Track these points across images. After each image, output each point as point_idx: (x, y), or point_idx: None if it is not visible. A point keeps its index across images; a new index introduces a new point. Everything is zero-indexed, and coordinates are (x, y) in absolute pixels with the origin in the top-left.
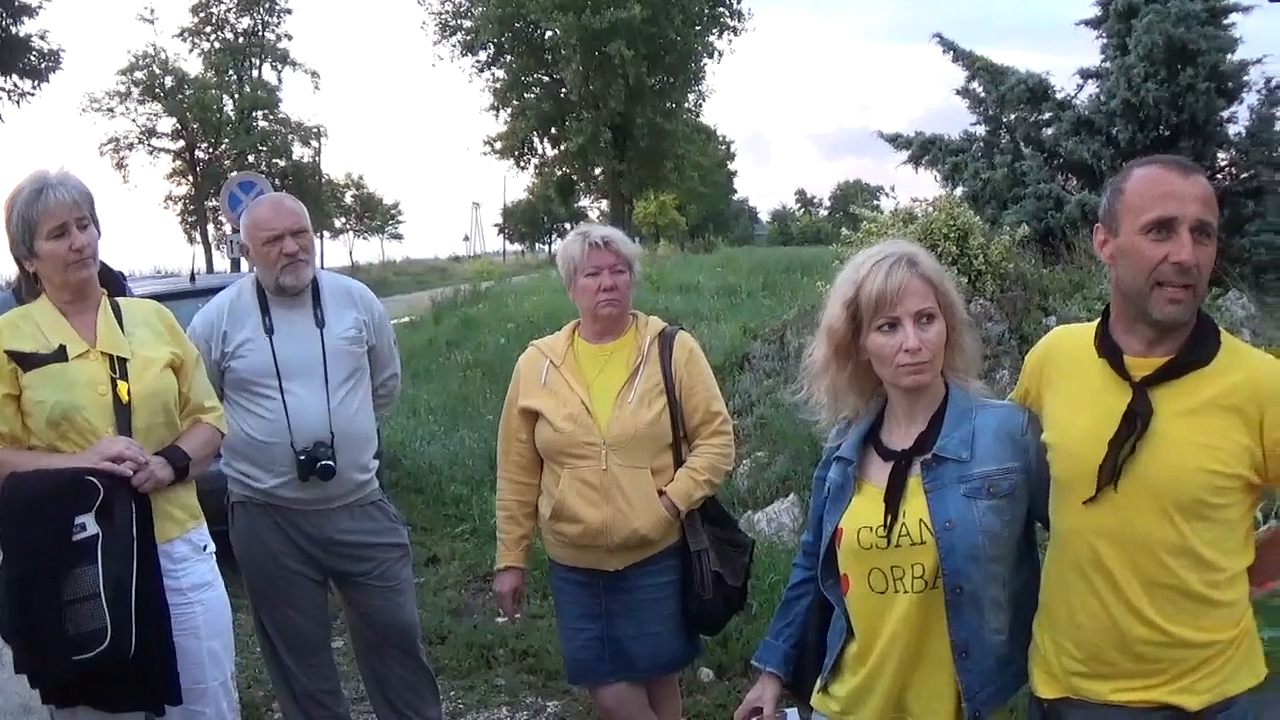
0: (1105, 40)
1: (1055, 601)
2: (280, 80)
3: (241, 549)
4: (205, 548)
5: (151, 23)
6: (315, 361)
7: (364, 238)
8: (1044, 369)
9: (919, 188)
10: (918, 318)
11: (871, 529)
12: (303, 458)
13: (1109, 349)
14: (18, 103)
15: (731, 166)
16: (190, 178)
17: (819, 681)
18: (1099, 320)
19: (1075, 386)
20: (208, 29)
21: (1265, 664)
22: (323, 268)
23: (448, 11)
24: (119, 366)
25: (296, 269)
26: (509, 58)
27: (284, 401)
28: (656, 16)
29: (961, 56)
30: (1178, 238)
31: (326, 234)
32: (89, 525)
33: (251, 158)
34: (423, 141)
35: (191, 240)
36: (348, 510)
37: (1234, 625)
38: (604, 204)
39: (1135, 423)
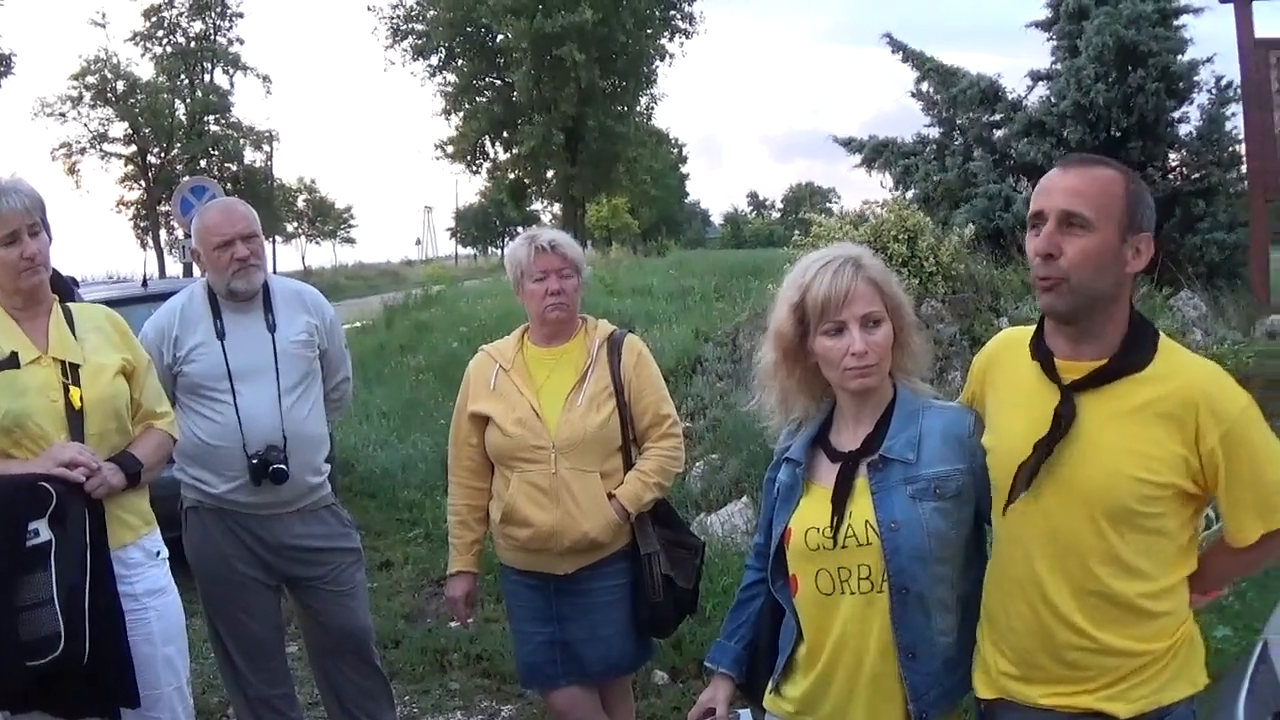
0: (1056, 42)
1: (993, 604)
2: (232, 84)
3: (195, 554)
4: (159, 553)
5: (103, 27)
6: (267, 365)
7: (316, 242)
8: (987, 372)
9: (871, 190)
10: (864, 321)
11: (818, 530)
12: (255, 461)
13: (1041, 352)
14: None
15: (684, 169)
16: (142, 183)
17: (771, 683)
18: (1037, 323)
19: (1012, 389)
20: (159, 33)
21: (1206, 674)
22: (275, 272)
23: (399, 16)
24: (71, 372)
25: (248, 274)
26: (460, 62)
27: (236, 405)
28: (608, 19)
29: (911, 57)
30: (1043, 229)
31: (278, 238)
32: (42, 531)
33: (203, 162)
34: (375, 145)
35: (144, 245)
36: (300, 515)
37: (1169, 635)
38: (556, 207)
39: (1059, 426)
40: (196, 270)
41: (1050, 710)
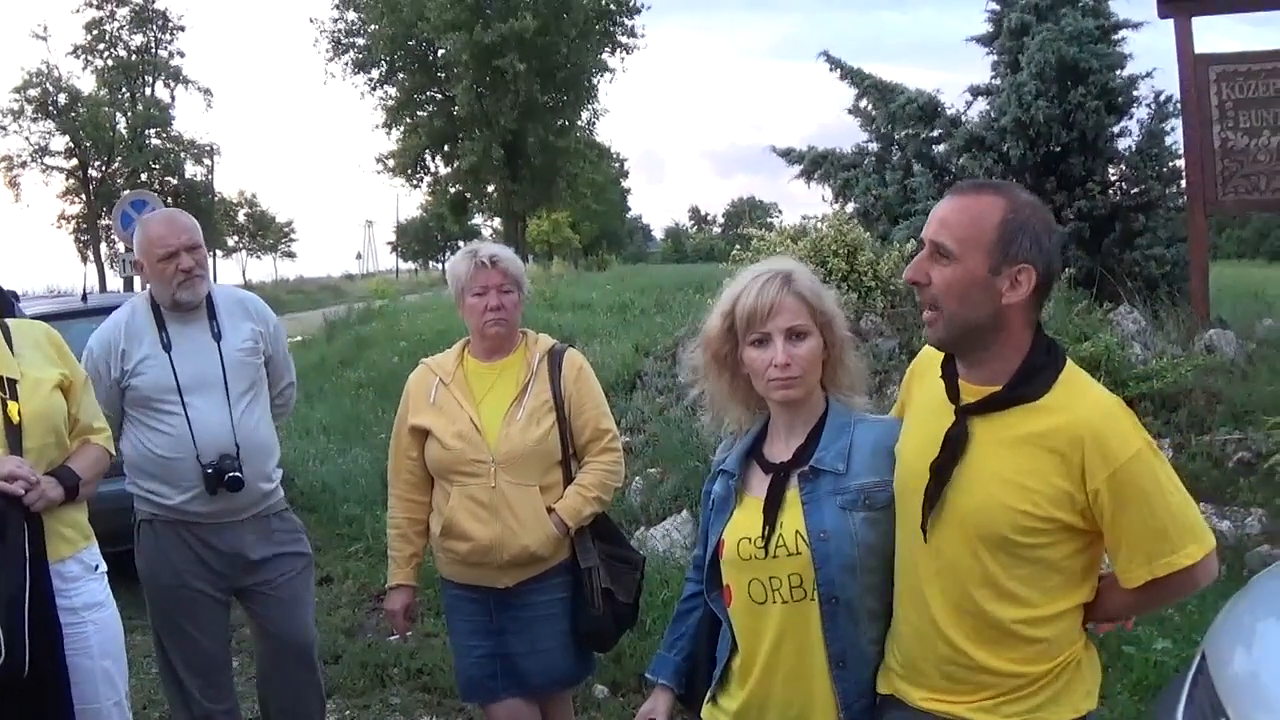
0: (997, 58)
1: (895, 611)
2: (173, 98)
3: (147, 568)
4: (97, 567)
5: (45, 40)
6: (215, 375)
7: (257, 256)
8: (910, 384)
9: (812, 205)
10: (789, 334)
11: (750, 540)
12: (210, 471)
13: (948, 372)
14: None
15: (625, 184)
16: (83, 196)
17: (708, 693)
18: None
19: (921, 404)
20: (101, 46)
21: (1093, 700)
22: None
23: (340, 30)
24: (9, 387)
25: (193, 284)
26: (401, 75)
27: (187, 416)
28: (548, 29)
29: (849, 74)
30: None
31: (219, 253)
32: None
33: (144, 176)
34: (316, 159)
35: (85, 259)
36: (255, 521)
37: (1048, 660)
38: (497, 222)
39: (949, 447)
40: (137, 284)
41: (928, 713)
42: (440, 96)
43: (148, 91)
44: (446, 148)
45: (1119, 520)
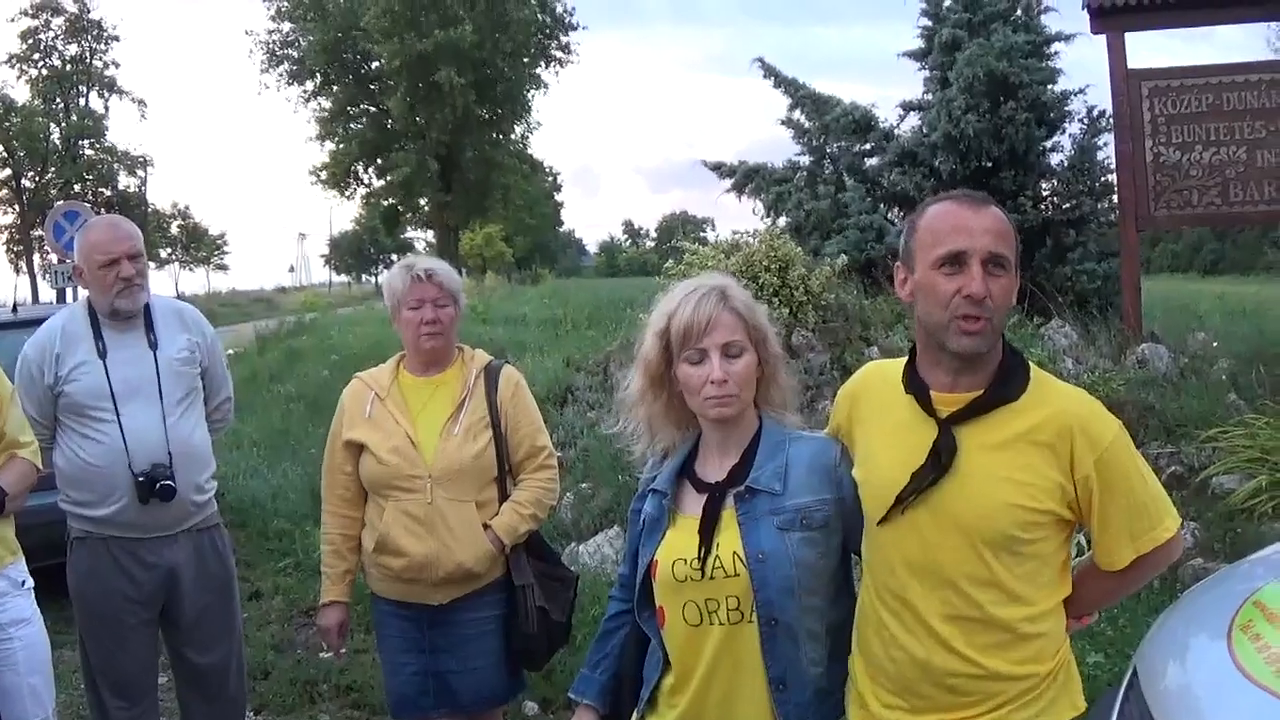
0: (929, 73)
1: (869, 635)
2: (107, 108)
3: (78, 586)
4: (24, 583)
5: None
6: (150, 383)
7: (190, 268)
8: (854, 405)
9: (745, 219)
10: (725, 350)
11: (686, 561)
12: (141, 479)
13: (916, 385)
14: None
15: (559, 198)
16: (16, 206)
17: (635, 714)
18: (907, 356)
19: (884, 423)
20: (35, 56)
21: (1084, 697)
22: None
23: (275, 41)
24: None
25: (132, 293)
26: (336, 87)
27: (120, 424)
28: (484, 41)
29: (784, 84)
30: (969, 270)
31: (152, 265)
32: None
33: (78, 186)
34: (249, 171)
35: (17, 270)
36: (187, 535)
37: (1050, 658)
38: (430, 235)
39: (940, 459)
40: (69, 296)
41: None
42: (374, 109)
43: (82, 102)
44: (379, 160)
45: (1106, 502)
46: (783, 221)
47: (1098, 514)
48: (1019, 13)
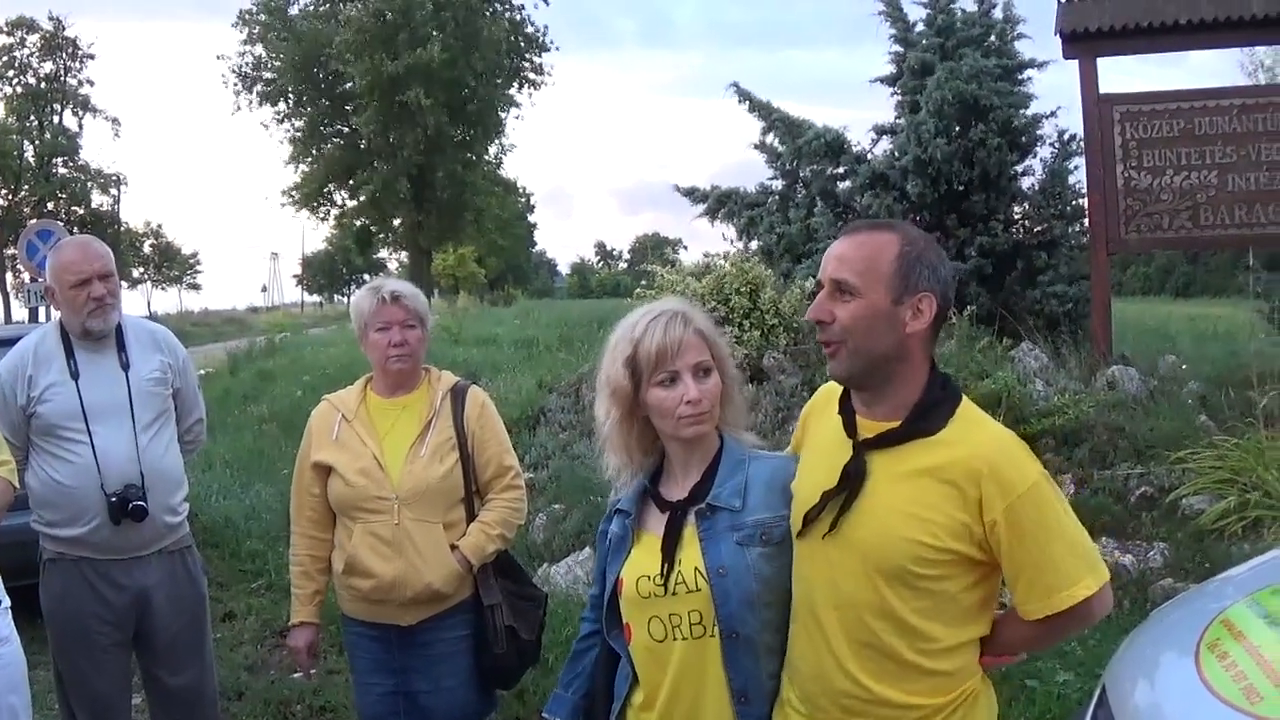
0: (900, 98)
1: (791, 642)
2: (81, 127)
3: (51, 608)
4: (1, 603)
5: None
6: (122, 403)
7: (162, 288)
8: (807, 421)
9: (717, 241)
10: (696, 370)
11: (649, 578)
12: (113, 499)
13: (845, 408)
14: None
15: (532, 219)
16: None
17: None
18: None
19: (818, 441)
20: (10, 73)
21: None
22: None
23: (248, 64)
24: None
25: (104, 313)
26: (308, 109)
27: (92, 445)
28: (456, 61)
29: (758, 107)
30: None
31: (124, 284)
32: None
33: (51, 205)
34: (222, 191)
35: None
36: (159, 557)
37: (945, 693)
38: (403, 255)
39: (847, 481)
40: (43, 315)
41: None
42: (346, 129)
43: (56, 120)
44: (351, 180)
45: (1016, 552)
46: (755, 244)
47: (1006, 561)
48: (992, 38)
